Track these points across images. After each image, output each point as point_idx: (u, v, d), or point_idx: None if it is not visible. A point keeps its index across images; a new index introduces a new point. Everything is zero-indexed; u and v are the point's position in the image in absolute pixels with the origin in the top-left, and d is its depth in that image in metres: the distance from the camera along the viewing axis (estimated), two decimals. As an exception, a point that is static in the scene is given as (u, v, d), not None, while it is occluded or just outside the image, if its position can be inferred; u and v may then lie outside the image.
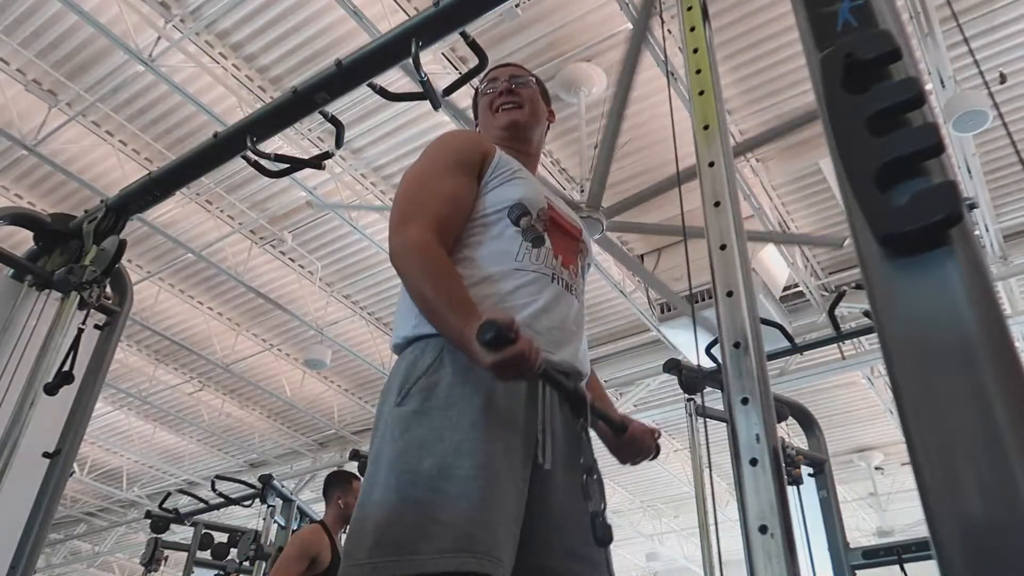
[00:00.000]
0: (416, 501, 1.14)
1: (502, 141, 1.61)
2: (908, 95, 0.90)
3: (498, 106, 1.64)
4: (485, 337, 1.11)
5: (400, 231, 1.34)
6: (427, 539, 1.10)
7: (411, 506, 1.14)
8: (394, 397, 1.27)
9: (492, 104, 1.65)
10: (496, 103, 1.64)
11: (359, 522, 1.19)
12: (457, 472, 1.15)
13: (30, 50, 5.32)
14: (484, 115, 1.68)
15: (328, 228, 6.70)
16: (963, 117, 4.55)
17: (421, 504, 1.14)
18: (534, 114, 1.65)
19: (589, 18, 4.94)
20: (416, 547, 1.10)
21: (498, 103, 1.64)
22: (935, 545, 0.69)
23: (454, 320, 1.22)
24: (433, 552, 1.09)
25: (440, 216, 1.37)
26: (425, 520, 1.12)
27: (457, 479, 1.15)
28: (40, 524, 2.13)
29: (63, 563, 12.79)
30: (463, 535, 1.10)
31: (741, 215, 1.19)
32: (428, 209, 1.37)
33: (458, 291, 1.27)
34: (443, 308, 1.25)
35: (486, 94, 1.68)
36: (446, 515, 1.12)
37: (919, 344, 0.78)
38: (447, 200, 1.40)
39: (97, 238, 2.37)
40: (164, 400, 9.05)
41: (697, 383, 3.45)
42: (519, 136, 1.63)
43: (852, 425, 8.97)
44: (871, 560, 3.29)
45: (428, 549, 1.09)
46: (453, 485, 1.14)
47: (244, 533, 5.01)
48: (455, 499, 1.13)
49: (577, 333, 1.43)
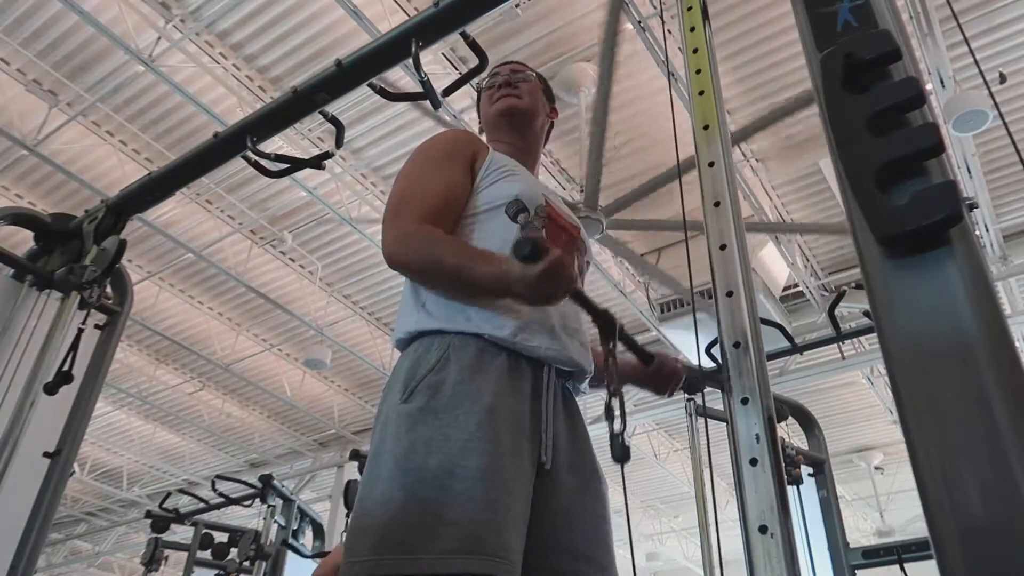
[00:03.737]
0: (422, 500, 1.13)
1: (500, 134, 1.62)
2: (908, 95, 0.90)
3: (497, 97, 1.64)
4: (525, 251, 1.13)
5: (392, 227, 1.35)
6: (433, 539, 1.09)
7: (417, 504, 1.13)
8: (399, 394, 1.26)
9: (492, 97, 1.66)
10: (495, 95, 1.65)
11: (361, 518, 1.18)
12: (464, 472, 1.14)
13: (30, 50, 5.32)
14: (484, 109, 1.69)
15: (328, 228, 6.70)
16: (963, 117, 4.56)
17: (427, 503, 1.13)
18: (532, 104, 1.65)
19: (589, 18, 4.94)
20: (422, 546, 1.09)
21: (497, 95, 1.65)
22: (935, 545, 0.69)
23: (483, 266, 1.23)
24: (439, 552, 1.08)
25: (432, 208, 1.36)
26: (431, 519, 1.11)
27: (464, 479, 1.14)
28: (40, 524, 2.13)
29: (63, 563, 12.79)
30: (470, 535, 1.10)
31: (741, 215, 1.19)
32: (419, 203, 1.37)
33: (472, 248, 1.29)
34: (468, 262, 1.26)
35: (487, 89, 1.68)
36: (453, 515, 1.11)
37: (919, 344, 0.78)
38: (438, 193, 1.40)
39: (97, 238, 2.36)
40: (164, 400, 9.05)
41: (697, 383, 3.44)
42: (515, 124, 1.62)
43: (852, 425, 8.98)
44: (871, 560, 3.28)
45: (434, 549, 1.08)
46: (460, 485, 1.13)
47: (244, 533, 5.00)
48: (462, 499, 1.12)
49: (579, 331, 1.43)
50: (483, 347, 1.28)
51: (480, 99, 1.73)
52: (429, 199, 1.38)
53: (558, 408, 1.33)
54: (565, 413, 1.35)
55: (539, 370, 1.32)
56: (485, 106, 1.68)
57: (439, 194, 1.39)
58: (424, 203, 1.37)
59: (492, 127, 1.66)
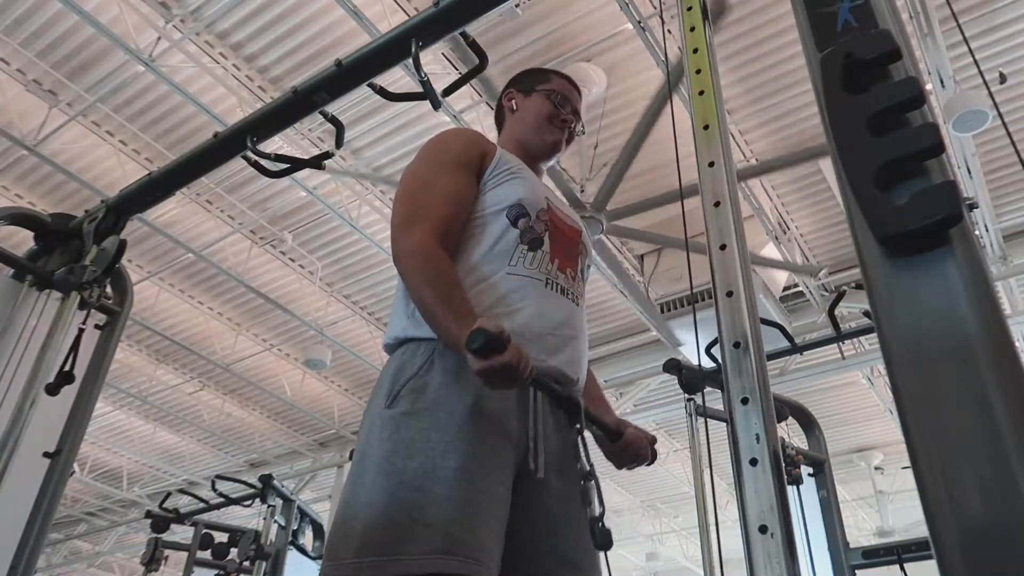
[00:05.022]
0: (402, 502, 1.14)
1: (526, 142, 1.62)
2: (908, 95, 0.90)
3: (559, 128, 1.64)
4: (473, 345, 1.12)
5: (405, 234, 1.34)
6: (411, 540, 1.10)
7: (396, 507, 1.14)
8: (383, 399, 1.27)
9: (554, 120, 1.63)
10: (559, 123, 1.64)
11: (345, 522, 1.18)
12: (442, 473, 1.15)
13: (30, 50, 5.32)
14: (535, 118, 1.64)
15: (328, 228, 6.70)
16: (963, 117, 4.55)
17: (406, 505, 1.14)
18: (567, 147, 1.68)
19: (589, 18, 4.94)
20: (400, 548, 1.10)
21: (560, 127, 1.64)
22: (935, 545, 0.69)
23: (451, 326, 1.22)
24: (417, 554, 1.09)
25: (444, 217, 1.36)
26: (410, 521, 1.12)
27: (442, 480, 1.15)
28: (40, 524, 2.13)
29: (63, 563, 12.78)
30: (447, 537, 1.10)
31: (741, 215, 1.19)
32: (432, 210, 1.36)
33: (456, 297, 1.27)
34: (441, 314, 1.25)
35: (554, 104, 1.64)
36: (431, 516, 1.12)
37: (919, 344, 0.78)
38: (450, 200, 1.39)
39: (97, 238, 2.36)
40: (164, 400, 9.05)
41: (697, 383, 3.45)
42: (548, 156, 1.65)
43: (852, 425, 8.97)
44: (871, 560, 3.28)
45: (412, 551, 1.09)
46: (438, 486, 1.14)
47: (244, 533, 4.99)
48: (440, 500, 1.13)
49: (575, 338, 1.41)
50: None
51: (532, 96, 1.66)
52: (440, 206, 1.37)
53: (547, 413, 1.32)
54: (553, 416, 1.34)
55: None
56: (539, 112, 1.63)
57: (452, 201, 1.39)
58: (438, 212, 1.36)
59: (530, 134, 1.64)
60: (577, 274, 1.49)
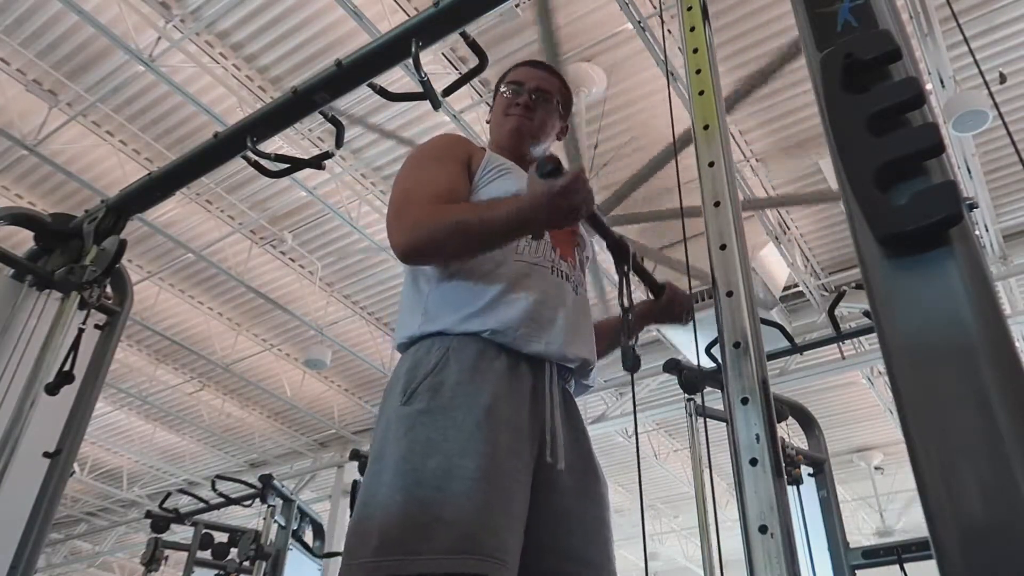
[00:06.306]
0: (420, 500, 1.14)
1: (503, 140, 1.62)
2: (908, 95, 0.90)
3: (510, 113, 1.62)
4: (547, 168, 1.20)
5: (399, 222, 1.35)
6: (430, 539, 1.10)
7: (415, 506, 1.13)
8: (399, 397, 1.26)
9: (507, 108, 1.63)
10: (511, 109, 1.62)
11: (363, 521, 1.18)
12: (461, 472, 1.15)
13: (30, 50, 5.32)
14: (496, 113, 1.66)
15: (328, 228, 6.70)
16: (963, 117, 4.55)
17: (425, 504, 1.13)
18: (540, 130, 1.63)
19: (589, 18, 4.94)
20: (418, 547, 1.09)
21: (512, 111, 1.62)
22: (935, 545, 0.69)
23: (499, 209, 1.28)
24: (435, 553, 1.09)
25: (438, 199, 1.37)
26: (428, 520, 1.12)
27: (461, 479, 1.14)
28: (40, 524, 2.12)
29: (63, 563, 12.79)
30: (466, 536, 1.10)
31: (741, 215, 1.18)
32: (423, 196, 1.37)
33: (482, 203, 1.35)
34: (484, 212, 1.30)
35: (506, 96, 1.64)
36: (449, 515, 1.11)
37: (919, 344, 0.78)
38: (442, 185, 1.41)
39: (97, 238, 2.36)
40: (164, 400, 9.05)
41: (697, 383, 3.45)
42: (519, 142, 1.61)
43: (852, 425, 8.97)
44: (871, 560, 3.28)
45: (430, 549, 1.09)
46: (457, 485, 1.14)
47: (244, 533, 4.99)
48: (459, 499, 1.13)
49: (581, 323, 1.44)
50: (483, 348, 1.28)
51: (496, 94, 1.69)
52: (433, 190, 1.38)
53: (558, 408, 1.33)
54: (565, 414, 1.35)
55: (540, 370, 1.33)
56: (498, 110, 1.65)
57: (443, 185, 1.41)
58: (429, 195, 1.37)
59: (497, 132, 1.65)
60: (576, 264, 1.52)
